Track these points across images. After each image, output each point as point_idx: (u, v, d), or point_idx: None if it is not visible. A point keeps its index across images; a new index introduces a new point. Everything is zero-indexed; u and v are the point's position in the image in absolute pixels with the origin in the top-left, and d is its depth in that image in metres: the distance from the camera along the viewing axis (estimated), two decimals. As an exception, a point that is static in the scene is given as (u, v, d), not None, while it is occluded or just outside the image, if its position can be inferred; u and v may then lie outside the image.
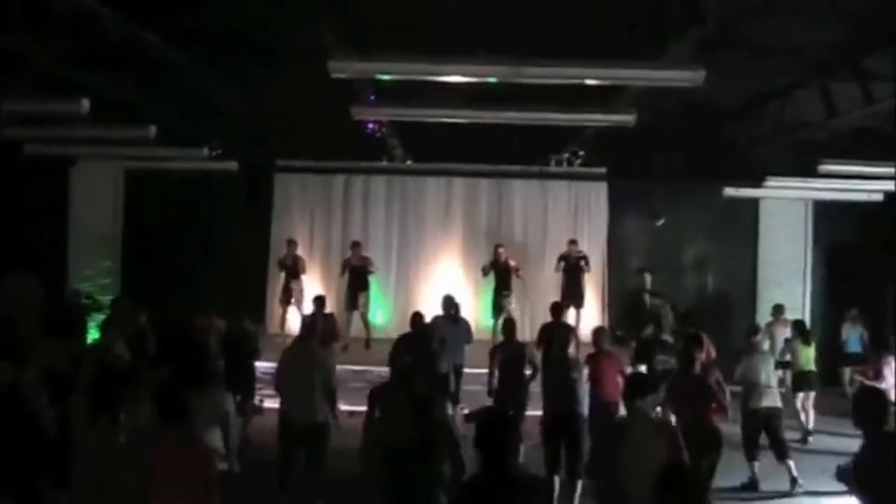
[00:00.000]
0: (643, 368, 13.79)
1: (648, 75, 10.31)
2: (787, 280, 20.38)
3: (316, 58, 10.56)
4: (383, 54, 10.05)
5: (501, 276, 18.67)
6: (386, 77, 10.61)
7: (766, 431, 12.61)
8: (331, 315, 15.62)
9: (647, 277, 19.55)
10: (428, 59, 9.74)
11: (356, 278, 18.46)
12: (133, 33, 10.45)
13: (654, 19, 10.17)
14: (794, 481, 12.37)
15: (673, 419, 12.47)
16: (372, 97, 13.21)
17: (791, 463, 12.52)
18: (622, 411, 12.20)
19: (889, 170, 14.72)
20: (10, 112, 12.93)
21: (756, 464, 12.48)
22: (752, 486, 12.39)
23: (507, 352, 13.00)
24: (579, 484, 10.87)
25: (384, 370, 14.27)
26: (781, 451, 12.58)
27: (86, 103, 11.94)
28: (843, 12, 10.41)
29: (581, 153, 19.31)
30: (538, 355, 13.24)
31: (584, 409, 11.56)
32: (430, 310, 15.08)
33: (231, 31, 11.72)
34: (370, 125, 16.09)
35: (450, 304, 14.96)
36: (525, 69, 9.72)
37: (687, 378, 10.74)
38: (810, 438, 15.31)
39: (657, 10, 9.94)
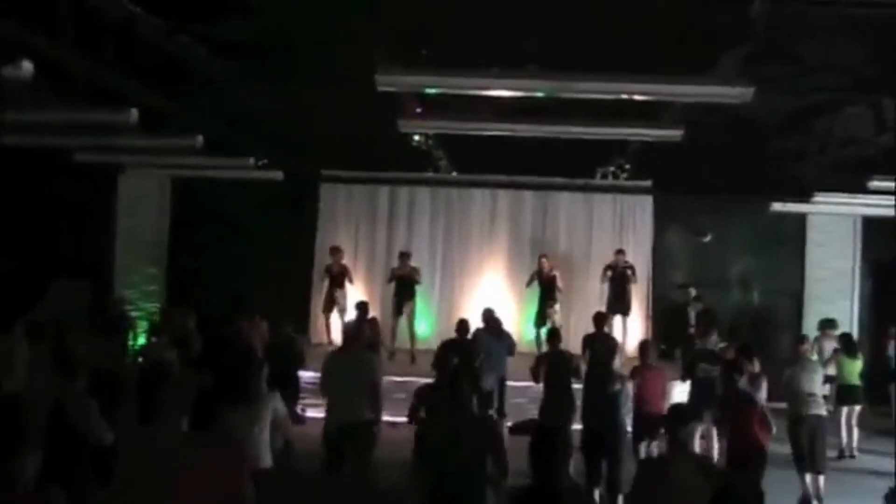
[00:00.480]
0: (688, 382, 13.72)
1: (697, 91, 10.27)
2: (834, 296, 20.14)
3: (363, 70, 10.62)
4: (430, 68, 10.06)
5: (545, 286, 18.62)
6: (433, 91, 10.60)
7: (809, 439, 12.35)
8: (374, 320, 15.58)
9: (692, 292, 19.45)
10: (475, 73, 9.75)
11: (403, 287, 18.47)
12: (181, 45, 10.52)
13: (705, 35, 10.12)
14: (819, 499, 12.17)
15: (715, 435, 12.62)
16: (418, 109, 13.21)
17: (822, 479, 12.24)
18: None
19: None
20: (61, 121, 13.08)
21: (808, 476, 12.26)
22: (805, 501, 12.18)
23: (552, 361, 12.88)
24: (620, 499, 10.79)
25: (429, 380, 14.43)
26: (816, 464, 12.28)
27: (135, 113, 12.01)
28: (892, 28, 10.32)
29: (627, 167, 19.25)
30: (583, 365, 13.18)
31: (627, 422, 11.50)
32: (474, 322, 15.03)
33: (278, 44, 11.76)
34: (416, 137, 16.09)
35: (490, 316, 14.92)
36: (573, 84, 9.71)
37: (735, 391, 10.70)
38: (855, 454, 15.13)
39: (708, 25, 9.88)
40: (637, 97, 10.40)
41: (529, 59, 10.34)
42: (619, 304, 18.86)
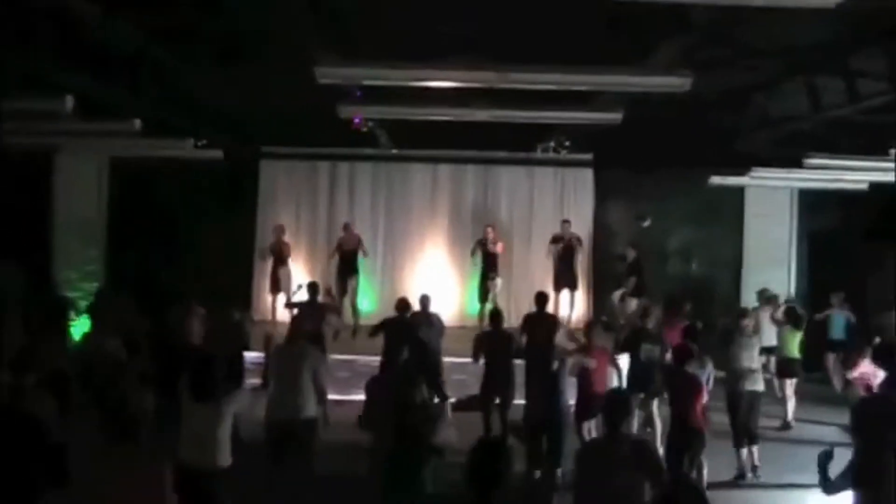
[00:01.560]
0: (627, 358, 13.89)
1: (635, 81, 10.32)
2: (771, 266, 20.44)
3: (303, 58, 10.58)
4: (369, 60, 10.02)
5: (488, 258, 18.72)
6: (372, 83, 10.58)
7: (743, 412, 12.65)
8: (325, 304, 15.63)
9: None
10: (414, 65, 9.72)
11: (346, 263, 18.50)
12: (117, 31, 10.39)
13: (641, 23, 10.15)
14: (754, 468, 12.49)
15: (656, 413, 12.82)
16: (358, 94, 13.17)
17: (755, 449, 12.54)
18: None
19: (873, 163, 14.80)
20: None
21: (744, 451, 12.50)
22: (741, 475, 12.43)
23: (493, 339, 13.03)
24: (559, 472, 10.87)
25: (371, 359, 14.49)
26: (751, 435, 12.57)
27: (70, 101, 11.85)
28: (828, 12, 10.41)
29: (567, 143, 19.32)
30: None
31: (568, 400, 11.63)
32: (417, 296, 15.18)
33: (216, 31, 11.64)
34: (356, 119, 16.03)
35: (425, 303, 15.03)
36: (511, 75, 9.72)
37: (682, 374, 10.89)
38: (793, 425, 15.36)
39: (644, 14, 9.91)
40: (575, 87, 10.43)
41: (467, 48, 10.32)
42: (566, 278, 19.03)
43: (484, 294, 18.51)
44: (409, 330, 13.17)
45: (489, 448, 5.84)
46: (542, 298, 14.47)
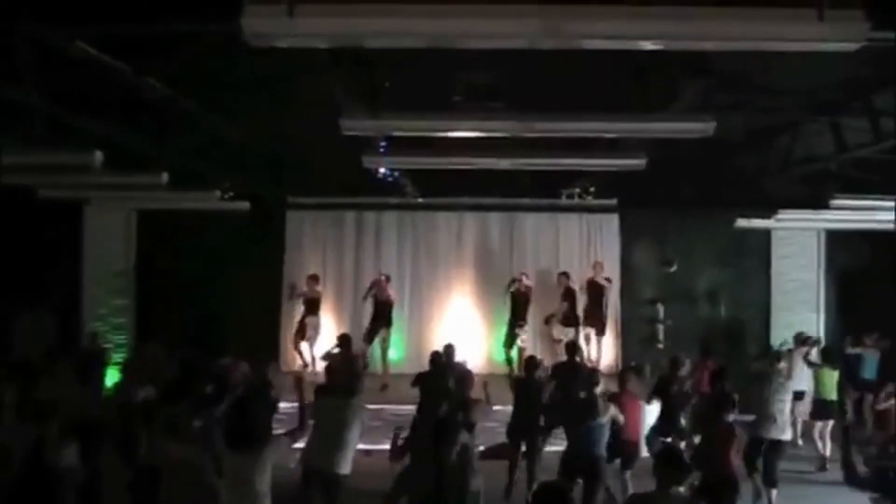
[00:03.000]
0: (659, 403, 13.85)
1: (659, 127, 10.35)
2: (800, 308, 20.41)
3: (328, 110, 10.67)
4: (394, 112, 10.08)
5: (518, 305, 18.66)
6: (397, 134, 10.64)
7: (763, 458, 12.58)
8: (357, 357, 15.66)
9: (660, 308, 19.59)
10: (439, 115, 9.78)
11: (382, 313, 18.51)
12: (143, 83, 10.52)
13: (663, 70, 10.20)
14: None
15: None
16: (382, 145, 13.24)
17: (774, 493, 12.41)
18: (643, 452, 12.42)
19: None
20: (25, 163, 13.03)
21: (774, 491, 12.40)
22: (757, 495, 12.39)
23: (525, 387, 13.01)
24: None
25: (400, 408, 14.45)
26: (770, 480, 12.48)
27: (99, 155, 12.00)
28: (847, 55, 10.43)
29: (592, 188, 19.35)
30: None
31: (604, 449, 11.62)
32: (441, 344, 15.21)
33: (243, 81, 11.77)
34: (381, 170, 16.11)
35: (450, 352, 14.99)
36: (535, 124, 9.75)
37: (720, 421, 10.85)
38: (828, 467, 15.20)
39: (666, 62, 9.96)
40: (598, 135, 10.47)
41: (490, 96, 10.38)
42: (594, 321, 19.00)
43: (511, 340, 18.47)
44: (445, 385, 13.03)
45: (553, 491, 5.92)
46: (571, 348, 14.46)
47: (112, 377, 15.83)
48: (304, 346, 18.91)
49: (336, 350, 15.80)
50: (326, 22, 6.32)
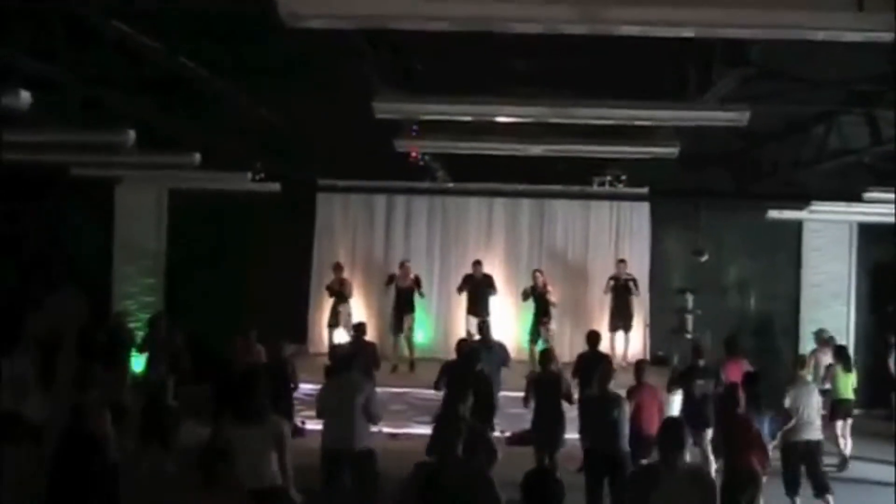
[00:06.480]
0: (679, 395, 13.81)
1: (693, 116, 10.29)
2: (830, 301, 20.26)
3: (361, 93, 10.66)
4: (427, 95, 10.07)
5: (540, 302, 18.64)
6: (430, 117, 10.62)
7: (805, 465, 12.39)
8: (372, 344, 15.68)
9: (689, 298, 19.52)
10: (472, 100, 9.76)
11: (402, 300, 18.52)
12: (176, 63, 10.55)
13: (699, 60, 10.14)
14: None
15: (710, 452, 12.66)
16: (414, 129, 13.24)
17: (830, 499, 12.31)
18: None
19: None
20: (58, 141, 13.10)
21: (798, 499, 12.29)
22: None
23: (542, 381, 13.01)
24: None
25: (427, 392, 14.53)
26: (821, 486, 12.33)
27: (132, 134, 12.03)
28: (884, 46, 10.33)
29: (623, 176, 19.28)
30: (574, 386, 13.29)
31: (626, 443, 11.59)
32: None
33: (276, 63, 11.77)
34: (412, 154, 16.12)
35: (483, 329, 15.21)
36: (570, 110, 9.72)
37: (734, 416, 10.77)
38: (848, 464, 15.18)
39: (702, 52, 9.90)
40: (632, 123, 10.42)
41: (523, 82, 10.35)
42: (621, 318, 18.91)
43: (535, 336, 18.43)
44: (472, 374, 13.02)
45: (540, 477, 5.90)
46: (593, 337, 14.45)
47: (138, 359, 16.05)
48: (337, 333, 18.82)
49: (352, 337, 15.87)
50: (360, 3, 6.31)
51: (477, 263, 18.97)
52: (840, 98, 13.27)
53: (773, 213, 18.89)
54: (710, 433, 12.75)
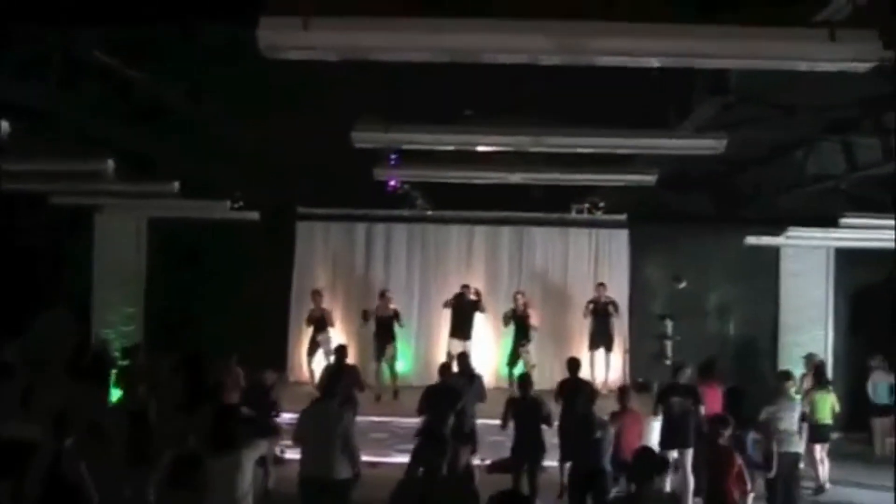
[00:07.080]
0: (660, 415, 13.84)
1: (671, 144, 10.35)
2: (809, 325, 20.31)
3: (340, 122, 10.68)
4: (406, 125, 10.09)
5: (520, 325, 18.64)
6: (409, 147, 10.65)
7: (783, 477, 12.52)
8: (354, 368, 15.63)
9: (669, 323, 19.56)
10: (450, 129, 9.79)
11: (383, 330, 18.47)
12: (159, 91, 10.56)
13: (679, 88, 10.19)
14: None
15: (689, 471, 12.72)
16: (393, 158, 13.27)
17: None
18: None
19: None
20: (38, 170, 13.10)
21: None
22: None
23: (521, 406, 13.06)
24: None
25: (408, 421, 14.49)
26: (791, 501, 12.49)
27: (111, 163, 12.05)
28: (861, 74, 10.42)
29: (601, 203, 19.36)
30: (553, 411, 13.32)
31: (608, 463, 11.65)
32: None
33: (256, 91, 11.78)
34: (391, 182, 16.16)
35: (463, 361, 15.20)
36: (548, 139, 9.77)
37: (717, 446, 10.78)
38: (827, 487, 15.24)
39: (682, 79, 9.96)
40: (609, 151, 10.48)
41: (503, 111, 10.37)
42: (601, 337, 18.97)
43: (514, 359, 18.43)
44: (453, 398, 13.10)
45: (506, 498, 5.92)
46: (574, 364, 14.51)
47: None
48: (318, 360, 18.71)
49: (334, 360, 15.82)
50: (340, 36, 6.36)
51: (465, 287, 18.95)
52: (816, 124, 13.38)
53: (751, 239, 18.96)
54: (690, 454, 12.82)
